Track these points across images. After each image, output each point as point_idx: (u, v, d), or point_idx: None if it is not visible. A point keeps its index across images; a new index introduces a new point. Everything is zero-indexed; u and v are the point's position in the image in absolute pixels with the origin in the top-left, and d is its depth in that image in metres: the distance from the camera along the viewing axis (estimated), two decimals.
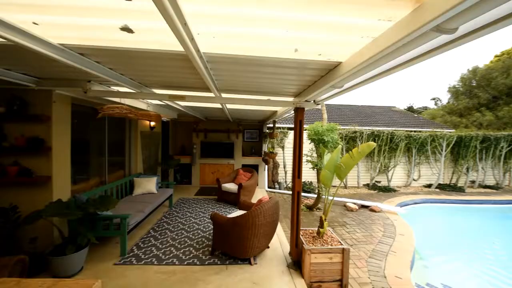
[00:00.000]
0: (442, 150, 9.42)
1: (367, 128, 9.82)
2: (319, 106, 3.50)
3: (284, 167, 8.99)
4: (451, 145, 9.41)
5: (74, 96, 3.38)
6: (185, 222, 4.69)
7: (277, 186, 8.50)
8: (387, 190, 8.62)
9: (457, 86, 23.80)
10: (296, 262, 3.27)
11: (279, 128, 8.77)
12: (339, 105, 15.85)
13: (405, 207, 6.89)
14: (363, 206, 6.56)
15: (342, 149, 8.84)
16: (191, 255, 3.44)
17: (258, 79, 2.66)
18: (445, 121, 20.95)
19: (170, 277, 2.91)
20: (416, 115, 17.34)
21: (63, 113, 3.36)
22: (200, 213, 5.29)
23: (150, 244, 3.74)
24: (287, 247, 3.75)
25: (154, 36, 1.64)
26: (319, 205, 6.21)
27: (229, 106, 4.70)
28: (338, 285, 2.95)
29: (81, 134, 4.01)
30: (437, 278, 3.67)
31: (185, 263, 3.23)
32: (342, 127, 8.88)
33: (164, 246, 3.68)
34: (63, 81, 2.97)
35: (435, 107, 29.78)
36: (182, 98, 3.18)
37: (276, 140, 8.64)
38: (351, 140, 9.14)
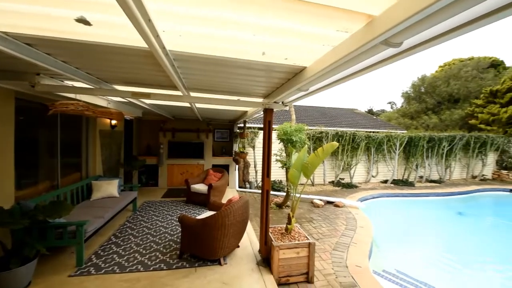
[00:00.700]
0: (396, 149, 10.45)
1: (332, 128, 10.46)
2: (287, 108, 3.62)
3: (255, 167, 9.09)
4: (403, 145, 10.50)
5: (19, 90, 3.00)
6: (151, 226, 4.47)
7: (248, 185, 8.55)
8: (350, 186, 9.28)
9: (409, 92, 26.62)
10: (266, 259, 3.35)
11: (250, 128, 8.84)
12: (307, 106, 16.57)
13: (365, 201, 7.48)
14: (328, 202, 6.96)
15: (309, 149, 9.25)
16: (158, 260, 3.30)
17: (227, 79, 2.66)
18: (399, 123, 23.27)
19: (134, 285, 2.76)
20: (375, 117, 18.93)
21: (5, 109, 2.96)
22: (167, 216, 5.09)
23: (111, 251, 3.49)
24: (257, 245, 3.82)
25: (115, 30, 1.55)
26: (288, 202, 6.42)
27: (198, 105, 4.60)
28: (304, 277, 3.10)
29: (28, 133, 3.57)
30: (392, 265, 4.07)
31: (151, 268, 3.09)
32: (309, 128, 9.29)
33: (127, 253, 3.46)
34: (5, 73, 2.61)
35: (391, 110, 32.94)
36: (147, 96, 3.03)
37: (246, 140, 8.68)
38: (317, 140, 9.61)
